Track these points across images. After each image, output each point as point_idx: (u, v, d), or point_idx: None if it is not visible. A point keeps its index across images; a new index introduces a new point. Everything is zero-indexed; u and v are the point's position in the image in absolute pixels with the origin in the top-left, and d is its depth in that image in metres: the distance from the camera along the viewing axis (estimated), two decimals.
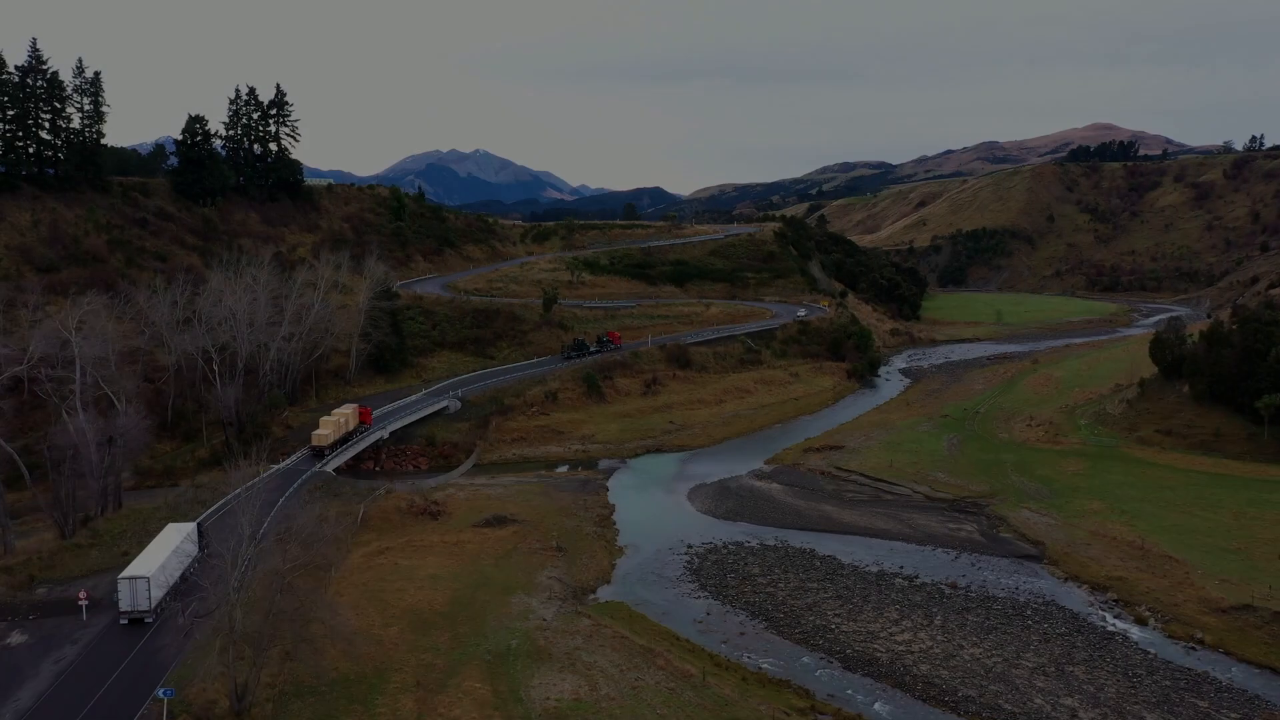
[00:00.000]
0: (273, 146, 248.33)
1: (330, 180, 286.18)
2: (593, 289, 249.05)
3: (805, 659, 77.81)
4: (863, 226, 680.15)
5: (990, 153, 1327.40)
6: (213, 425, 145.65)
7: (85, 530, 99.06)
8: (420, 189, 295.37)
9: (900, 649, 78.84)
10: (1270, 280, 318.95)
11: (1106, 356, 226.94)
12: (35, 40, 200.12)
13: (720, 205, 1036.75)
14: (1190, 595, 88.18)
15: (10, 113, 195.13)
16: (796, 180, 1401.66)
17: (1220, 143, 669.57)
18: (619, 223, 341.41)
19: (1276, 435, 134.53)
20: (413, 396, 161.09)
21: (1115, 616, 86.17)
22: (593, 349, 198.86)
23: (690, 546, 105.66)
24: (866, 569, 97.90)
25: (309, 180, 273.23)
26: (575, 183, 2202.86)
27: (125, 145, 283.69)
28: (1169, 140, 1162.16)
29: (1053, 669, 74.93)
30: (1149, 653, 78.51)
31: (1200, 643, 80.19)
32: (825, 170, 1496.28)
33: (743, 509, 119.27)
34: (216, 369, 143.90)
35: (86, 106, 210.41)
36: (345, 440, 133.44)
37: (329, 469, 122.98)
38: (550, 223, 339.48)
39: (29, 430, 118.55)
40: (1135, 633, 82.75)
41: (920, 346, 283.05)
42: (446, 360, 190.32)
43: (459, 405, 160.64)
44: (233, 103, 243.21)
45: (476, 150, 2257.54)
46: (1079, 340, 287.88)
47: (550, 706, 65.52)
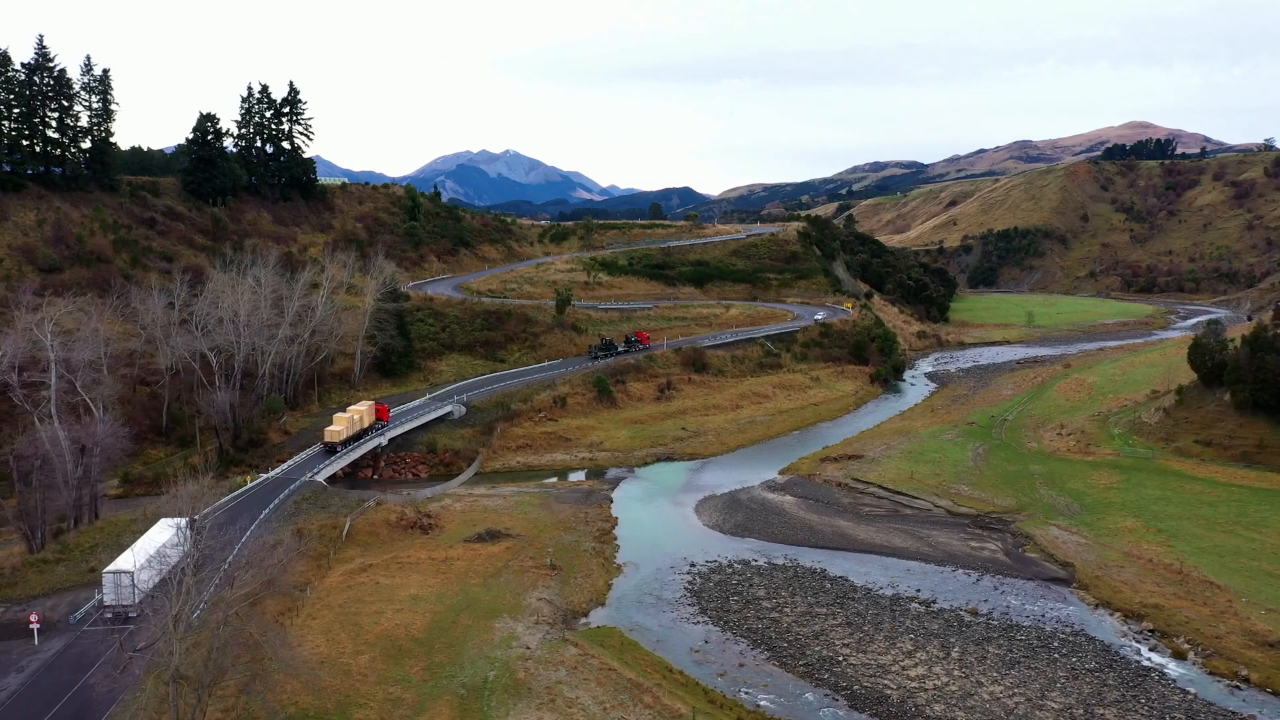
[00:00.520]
0: (285, 145, 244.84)
1: (345, 179, 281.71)
2: (609, 290, 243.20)
3: (809, 695, 71.37)
4: (892, 226, 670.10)
5: (1024, 151, 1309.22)
6: (208, 431, 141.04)
7: (55, 544, 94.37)
8: (436, 189, 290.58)
9: (913, 685, 72.19)
10: None
11: (1142, 361, 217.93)
12: (42, 37, 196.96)
13: (749, 205, 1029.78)
14: (1234, 626, 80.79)
15: (16, 111, 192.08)
16: (826, 180, 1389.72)
17: (1261, 140, 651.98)
18: (639, 222, 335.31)
19: None
20: (416, 401, 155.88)
21: (1151, 650, 78.97)
22: (621, 349, 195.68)
23: (693, 565, 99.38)
24: (880, 592, 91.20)
25: (326, 179, 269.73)
26: (605, 183, 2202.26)
27: (159, 147, 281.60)
28: (1207, 138, 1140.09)
29: (1081, 711, 67.99)
30: (1188, 692, 71.38)
31: (1245, 681, 72.95)
32: (856, 170, 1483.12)
33: (752, 523, 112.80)
34: (218, 371, 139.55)
35: (95, 104, 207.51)
36: (360, 437, 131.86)
37: (320, 479, 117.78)
38: (569, 222, 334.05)
39: (5, 440, 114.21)
40: (1173, 668, 75.58)
41: (948, 349, 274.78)
42: (455, 363, 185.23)
43: (463, 410, 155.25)
44: (245, 101, 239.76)
45: (506, 151, 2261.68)
46: (1113, 343, 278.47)
47: None
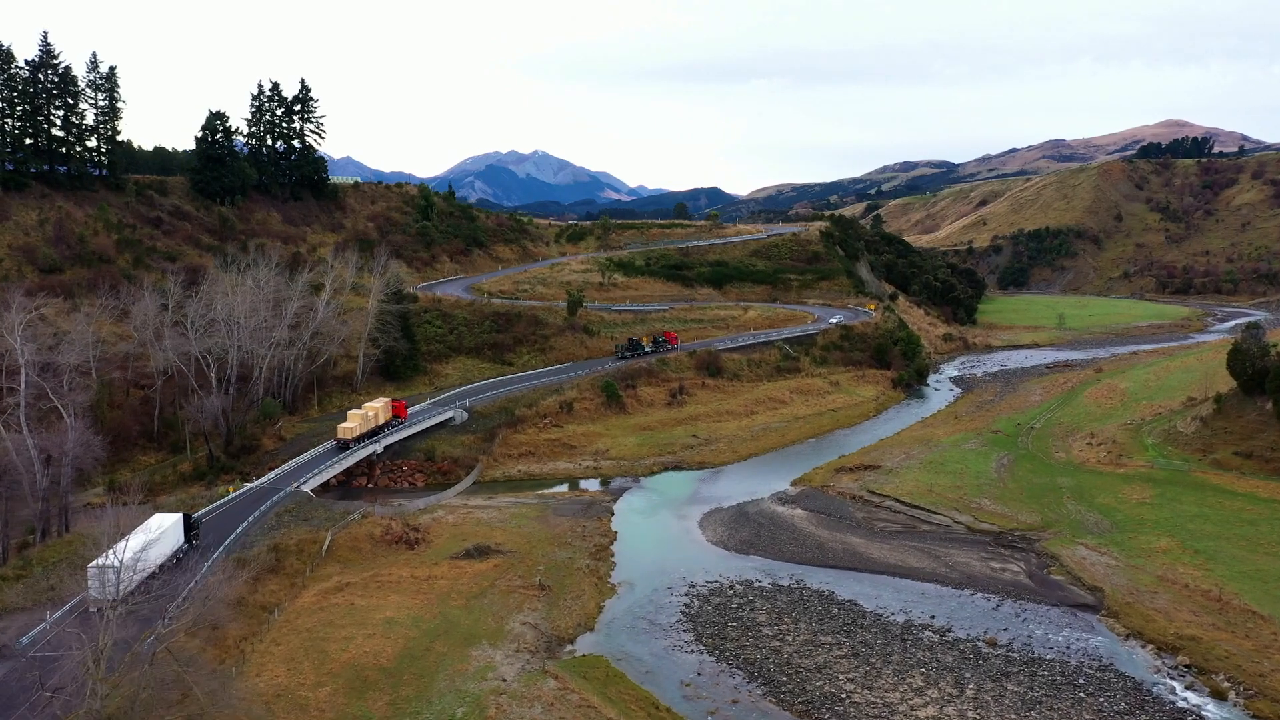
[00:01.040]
0: (296, 144, 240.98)
1: (357, 178, 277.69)
2: (625, 291, 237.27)
3: None
4: (921, 226, 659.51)
5: (1056, 151, 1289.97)
6: (199, 436, 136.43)
7: (18, 559, 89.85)
8: (451, 189, 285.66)
9: None
10: None
11: (1178, 366, 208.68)
12: (46, 34, 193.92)
13: (777, 205, 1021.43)
14: (1279, 663, 73.55)
15: (19, 109, 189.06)
16: (855, 180, 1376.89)
17: None
18: (657, 222, 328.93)
19: None
20: (417, 406, 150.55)
21: (1187, 688, 71.88)
22: (648, 349, 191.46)
23: (692, 586, 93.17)
24: (891, 618, 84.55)
25: (338, 178, 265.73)
26: (634, 183, 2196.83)
27: (184, 148, 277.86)
28: (1245, 136, 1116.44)
29: None
30: None
31: None
32: (885, 170, 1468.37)
33: (758, 540, 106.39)
34: (213, 375, 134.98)
35: (101, 102, 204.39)
36: (374, 434, 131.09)
37: (307, 488, 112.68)
38: (586, 222, 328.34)
39: None
40: (1212, 711, 68.56)
41: (975, 353, 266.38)
42: (461, 366, 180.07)
43: (465, 416, 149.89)
44: (255, 98, 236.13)
45: (535, 151, 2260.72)
46: (1147, 347, 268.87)
47: None
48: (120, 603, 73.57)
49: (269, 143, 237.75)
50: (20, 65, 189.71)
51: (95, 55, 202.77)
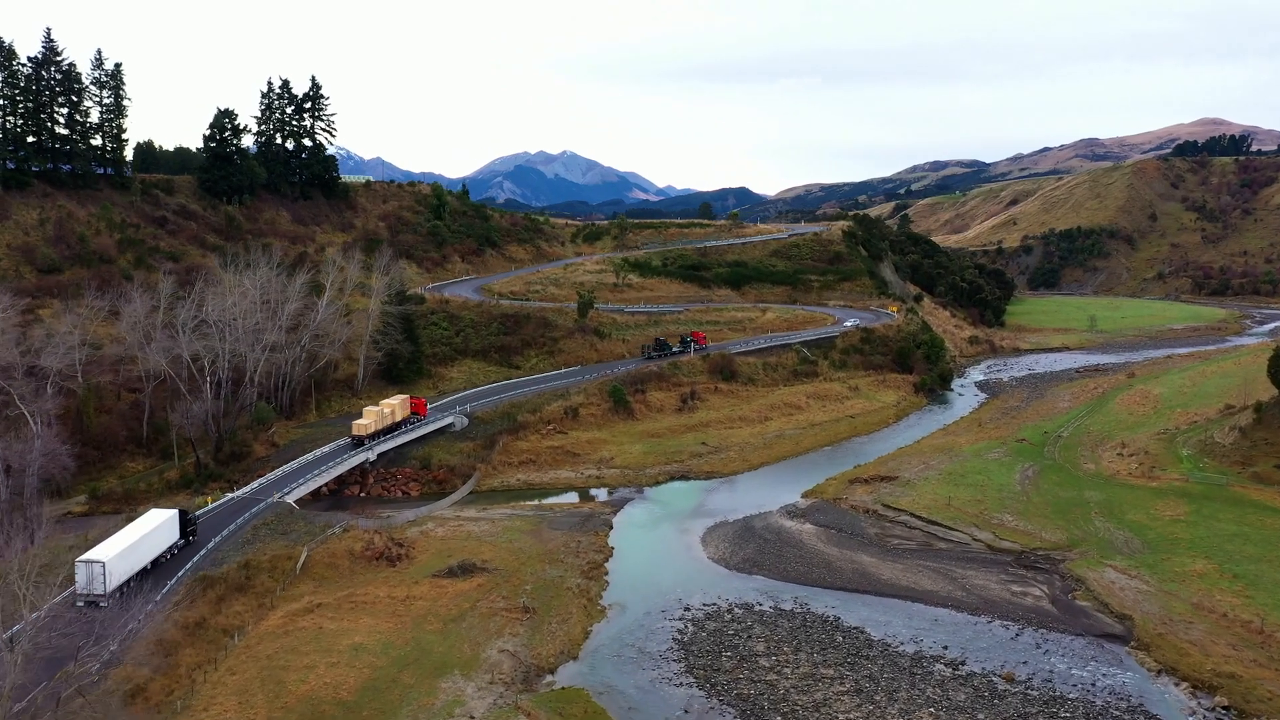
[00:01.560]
0: (307, 142, 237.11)
1: (369, 177, 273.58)
2: (639, 292, 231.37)
3: None
4: (950, 226, 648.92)
5: (1090, 150, 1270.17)
6: (189, 442, 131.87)
7: None
8: (465, 188, 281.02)
9: None
10: None
11: (1215, 370, 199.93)
12: (49, 30, 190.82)
13: (805, 205, 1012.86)
14: None
15: (21, 107, 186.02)
16: (885, 180, 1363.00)
17: None
18: (676, 221, 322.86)
19: None
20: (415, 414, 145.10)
21: None
22: (675, 349, 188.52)
23: (688, 609, 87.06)
24: (900, 648, 78.06)
25: (349, 177, 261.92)
26: (662, 183, 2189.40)
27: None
28: None
29: None
30: None
31: None
32: (915, 170, 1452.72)
33: (762, 557, 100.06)
34: (203, 379, 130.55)
35: (107, 100, 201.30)
36: (391, 430, 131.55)
37: (290, 499, 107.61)
38: (604, 221, 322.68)
39: None
40: None
41: (1002, 356, 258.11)
42: (467, 370, 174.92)
43: (465, 422, 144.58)
44: (265, 96, 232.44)
45: (564, 152, 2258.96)
46: (1182, 350, 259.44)
47: None
48: (107, 598, 76.78)
49: (279, 141, 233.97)
50: (22, 62, 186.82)
51: (100, 52, 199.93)
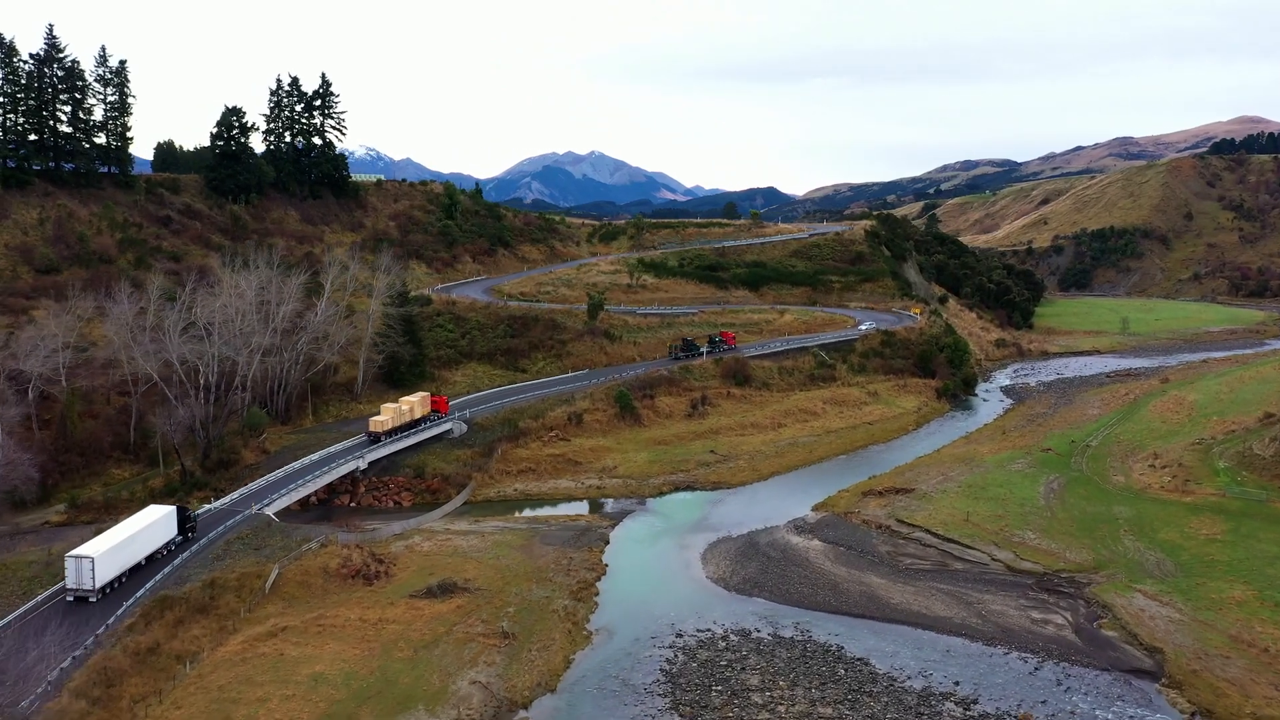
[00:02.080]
0: (316, 140, 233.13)
1: (380, 176, 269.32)
2: (654, 293, 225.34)
3: None
4: (979, 226, 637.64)
5: (1124, 148, 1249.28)
6: (182, 448, 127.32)
7: None
8: (478, 187, 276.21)
9: None
10: None
11: (1253, 376, 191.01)
12: (51, 27, 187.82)
13: (834, 205, 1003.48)
14: None
15: (22, 105, 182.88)
16: (914, 179, 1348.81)
17: None
18: (694, 220, 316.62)
19: None
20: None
21: None
22: (703, 349, 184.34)
23: (680, 635, 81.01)
24: (907, 683, 71.62)
25: (360, 176, 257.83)
26: (690, 184, 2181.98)
27: None
28: None
29: None
30: None
31: None
32: (945, 169, 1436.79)
33: (765, 578, 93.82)
34: (190, 384, 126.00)
35: (111, 97, 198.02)
36: (410, 427, 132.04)
37: (270, 510, 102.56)
38: (620, 220, 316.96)
39: None
40: None
41: (1029, 360, 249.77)
42: (471, 373, 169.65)
43: (464, 428, 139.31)
44: (274, 94, 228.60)
45: (592, 152, 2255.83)
46: (1219, 354, 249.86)
47: None
48: (95, 594, 77.60)
49: (288, 139, 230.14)
50: (24, 59, 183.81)
51: (104, 48, 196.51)
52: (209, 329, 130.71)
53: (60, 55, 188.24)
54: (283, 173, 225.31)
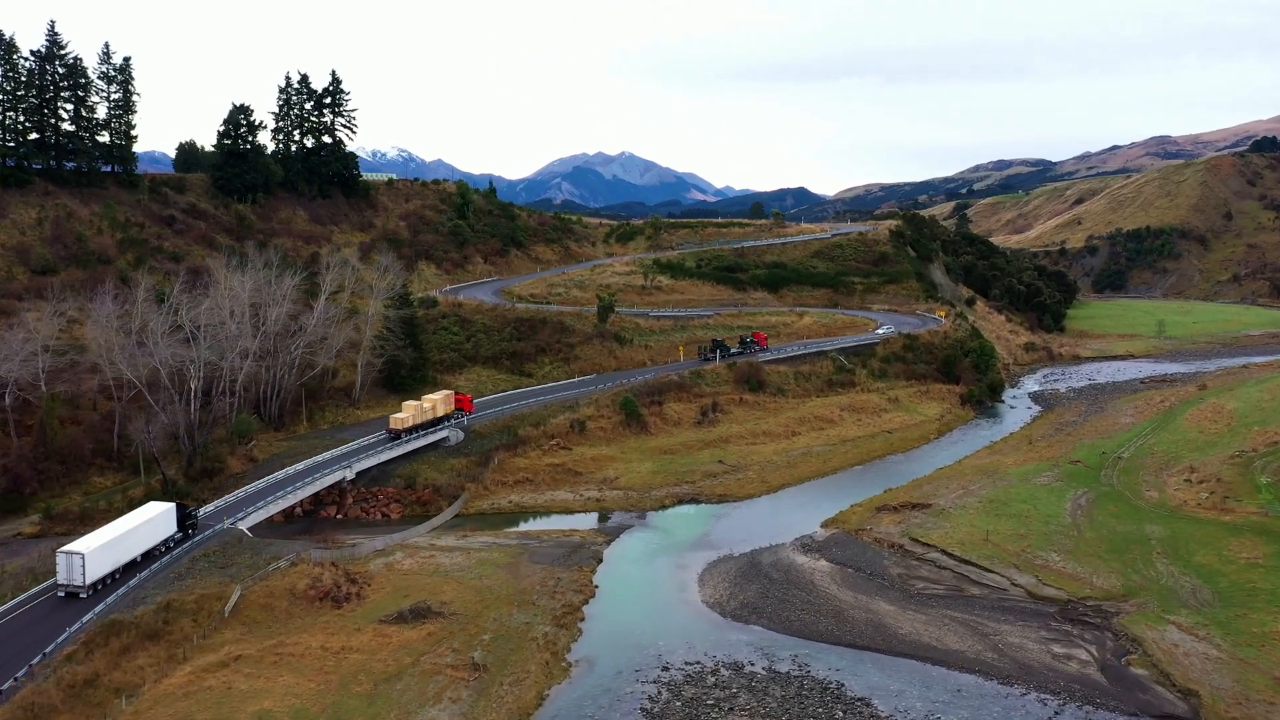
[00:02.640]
0: (326, 139, 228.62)
1: (392, 175, 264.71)
2: (669, 295, 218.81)
3: None
4: (1011, 226, 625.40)
5: (1161, 147, 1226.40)
6: (166, 456, 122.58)
7: None
8: (492, 185, 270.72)
9: None
10: None
11: None
12: (53, 23, 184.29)
13: (865, 205, 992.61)
14: None
15: (23, 103, 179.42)
16: (947, 179, 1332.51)
17: None
18: (714, 220, 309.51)
19: None
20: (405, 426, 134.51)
21: None
22: (734, 350, 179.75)
23: (667, 668, 74.56)
24: None
25: (370, 175, 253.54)
26: (720, 184, 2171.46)
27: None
28: None
29: None
30: None
31: None
32: (978, 169, 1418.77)
33: (764, 603, 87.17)
34: (176, 389, 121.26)
35: (114, 95, 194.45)
36: (432, 425, 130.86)
37: (244, 525, 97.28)
38: (638, 221, 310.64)
39: None
40: None
41: (1060, 364, 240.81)
42: (475, 378, 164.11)
43: (461, 436, 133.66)
44: (282, 91, 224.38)
45: (622, 153, 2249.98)
46: (1260, 359, 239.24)
47: None
48: (86, 590, 77.56)
49: (297, 138, 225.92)
50: (25, 56, 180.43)
51: (108, 45, 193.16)
52: (195, 332, 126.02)
53: (62, 52, 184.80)
54: (291, 172, 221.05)
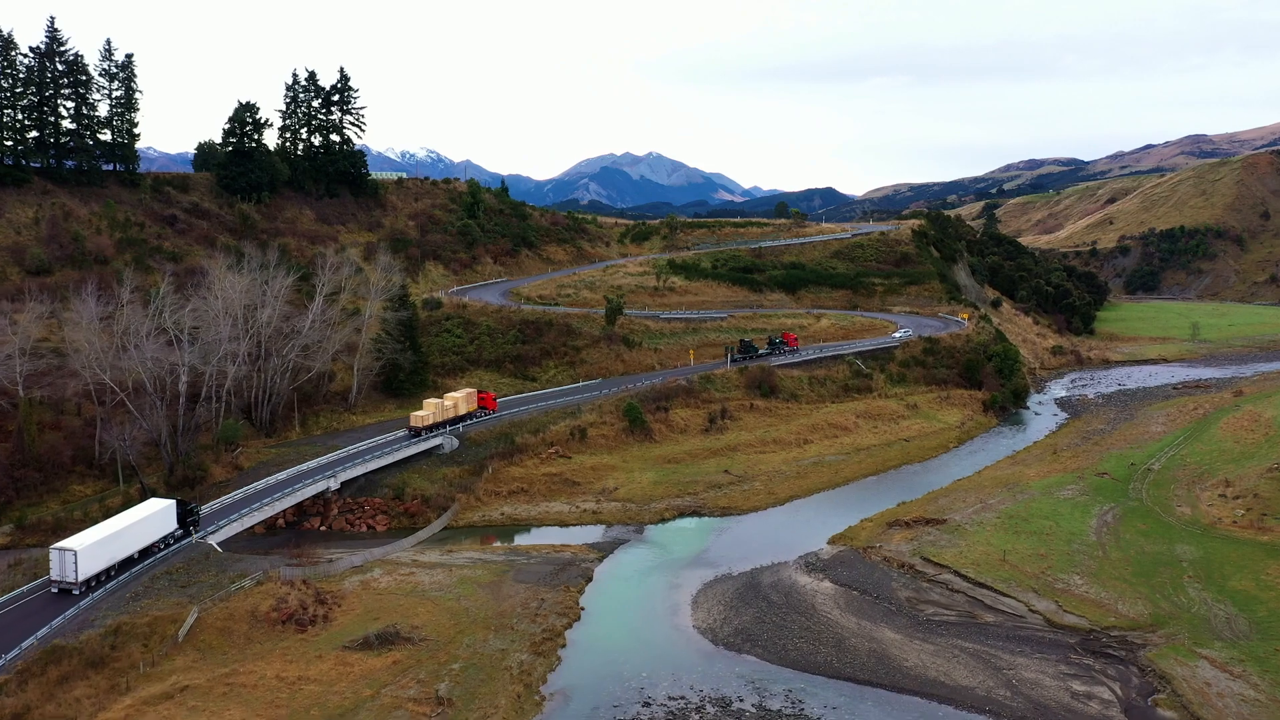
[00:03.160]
0: (334, 137, 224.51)
1: (402, 174, 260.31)
2: (682, 296, 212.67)
3: None
4: (1041, 227, 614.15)
5: (1196, 146, 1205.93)
6: (147, 464, 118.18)
7: None
8: (504, 184, 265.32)
9: None
10: None
11: None
12: (53, 19, 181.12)
13: (893, 205, 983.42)
14: None
15: (23, 101, 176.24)
16: (977, 179, 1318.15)
17: None
18: (732, 220, 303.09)
19: None
20: (400, 431, 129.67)
21: None
22: (763, 352, 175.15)
23: (649, 703, 68.67)
24: None
25: (380, 173, 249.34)
26: (748, 184, 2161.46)
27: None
28: None
29: None
30: None
31: None
32: (1009, 168, 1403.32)
33: (759, 629, 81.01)
34: (179, 391, 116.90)
35: (116, 93, 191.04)
36: (454, 423, 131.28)
37: (214, 540, 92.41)
38: (654, 220, 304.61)
39: None
40: None
41: (1089, 369, 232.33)
42: (477, 382, 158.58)
43: (455, 444, 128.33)
44: (289, 89, 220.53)
45: (649, 153, 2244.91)
46: None
47: None
48: (78, 587, 77.51)
49: (304, 136, 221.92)
50: (24, 53, 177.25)
51: (109, 42, 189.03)
52: (179, 335, 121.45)
53: (62, 49, 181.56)
54: (298, 171, 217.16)
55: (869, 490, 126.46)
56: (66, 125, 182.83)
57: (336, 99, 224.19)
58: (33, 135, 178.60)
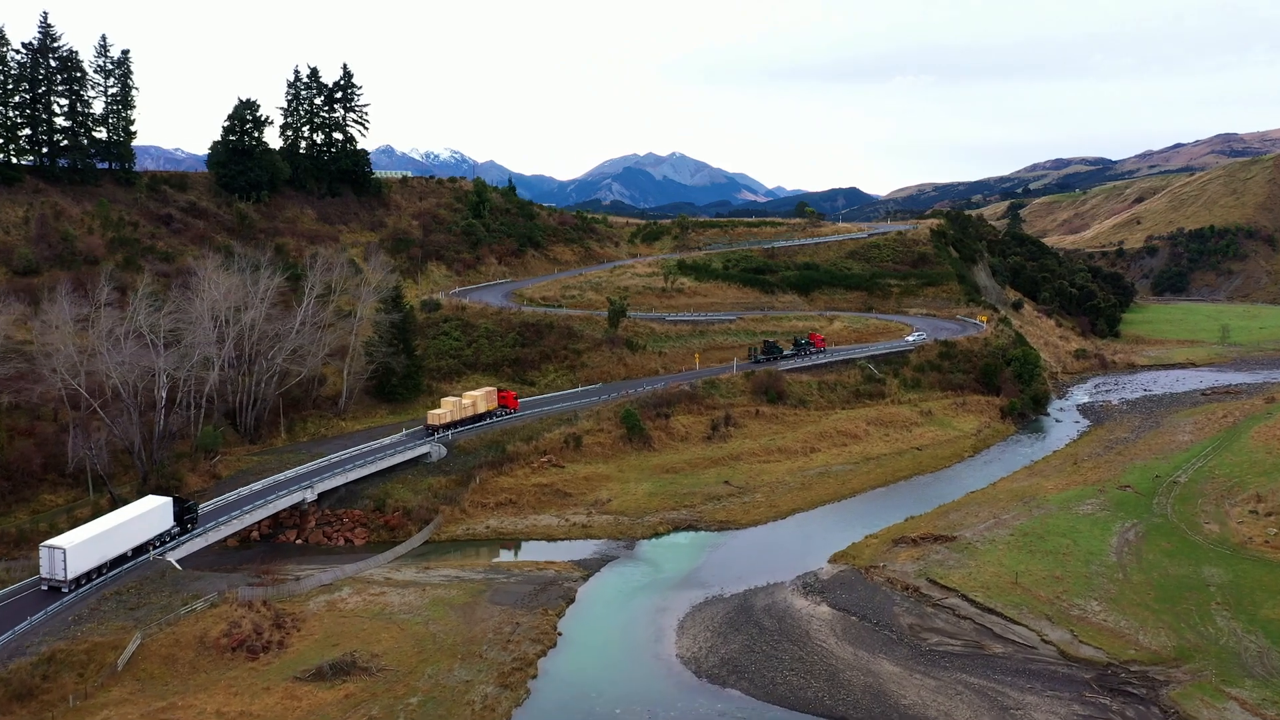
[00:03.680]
0: (337, 135, 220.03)
1: (406, 173, 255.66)
2: (690, 298, 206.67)
3: None
4: (1067, 227, 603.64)
5: (1227, 145, 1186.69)
6: (123, 472, 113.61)
7: None
8: (512, 183, 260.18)
9: None
10: None
11: None
12: (46, 14, 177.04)
13: (917, 205, 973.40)
14: None
15: (14, 98, 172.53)
16: (1002, 179, 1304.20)
17: None
18: (745, 220, 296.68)
19: None
20: (388, 439, 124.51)
21: None
22: (788, 353, 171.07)
23: None
24: None
25: (383, 172, 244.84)
26: (771, 184, 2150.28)
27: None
28: None
29: None
30: None
31: None
32: (1035, 168, 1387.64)
33: (747, 659, 74.92)
34: (158, 396, 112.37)
35: (112, 90, 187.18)
36: (473, 421, 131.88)
37: (173, 557, 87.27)
38: (665, 220, 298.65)
39: None
40: None
41: (1113, 373, 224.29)
42: (473, 386, 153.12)
43: (443, 452, 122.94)
44: (291, 86, 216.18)
45: (673, 153, 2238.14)
46: None
47: None
48: (67, 585, 76.33)
49: (306, 134, 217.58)
50: (15, 49, 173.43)
51: (104, 38, 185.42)
52: (155, 339, 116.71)
53: (55, 45, 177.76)
54: (300, 169, 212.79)
55: (877, 503, 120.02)
56: (60, 123, 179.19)
57: (339, 96, 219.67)
58: (25, 133, 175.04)
